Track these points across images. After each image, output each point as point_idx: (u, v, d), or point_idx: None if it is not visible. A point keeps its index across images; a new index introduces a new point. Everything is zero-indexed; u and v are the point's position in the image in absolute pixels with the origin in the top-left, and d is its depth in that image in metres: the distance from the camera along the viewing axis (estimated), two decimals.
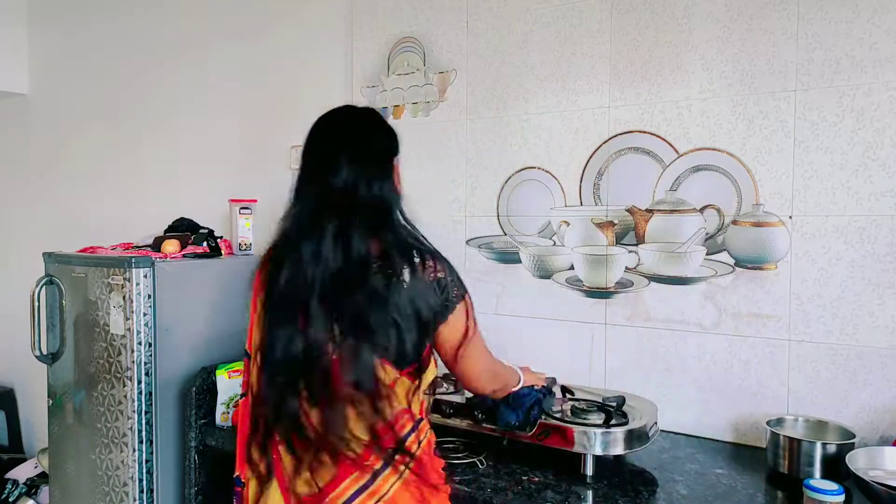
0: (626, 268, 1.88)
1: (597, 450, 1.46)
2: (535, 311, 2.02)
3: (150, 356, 1.91)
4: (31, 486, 2.99)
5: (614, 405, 1.60)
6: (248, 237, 2.30)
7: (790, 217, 1.66)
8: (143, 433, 1.90)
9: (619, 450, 1.47)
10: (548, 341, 1.99)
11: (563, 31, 1.96)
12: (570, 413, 1.58)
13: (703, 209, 1.77)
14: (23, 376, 3.56)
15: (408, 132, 2.25)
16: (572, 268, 1.97)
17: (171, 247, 2.06)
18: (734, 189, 1.72)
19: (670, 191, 1.81)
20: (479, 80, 2.11)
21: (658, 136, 1.82)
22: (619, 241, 1.89)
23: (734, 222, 1.73)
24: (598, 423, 1.52)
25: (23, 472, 3.09)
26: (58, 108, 3.43)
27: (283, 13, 2.56)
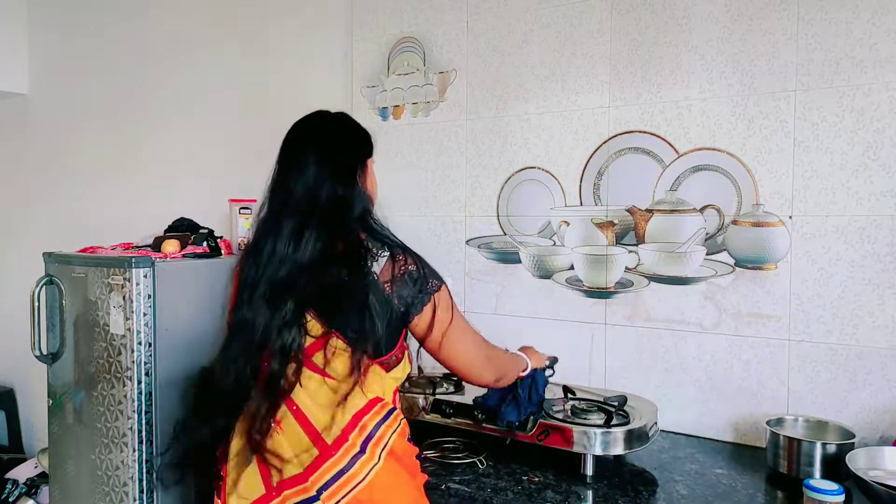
0: (626, 268, 1.88)
1: (597, 450, 1.46)
2: (535, 311, 2.02)
3: (150, 356, 1.91)
4: (31, 486, 2.99)
5: (616, 405, 1.60)
6: (248, 237, 2.30)
7: (790, 217, 1.66)
8: (143, 433, 1.90)
9: (619, 450, 1.48)
10: (548, 341, 1.98)
11: (563, 31, 1.96)
12: (570, 413, 1.58)
13: (703, 209, 1.77)
14: (23, 376, 3.56)
15: (408, 132, 2.26)
16: (572, 268, 1.97)
17: (171, 247, 2.06)
18: (734, 189, 1.72)
19: (670, 191, 1.81)
20: (479, 80, 2.11)
21: (658, 136, 1.82)
22: (619, 241, 1.89)
23: (734, 222, 1.73)
24: (598, 423, 1.52)
25: (23, 472, 3.09)
26: (58, 108, 3.43)
27: (283, 13, 2.56)
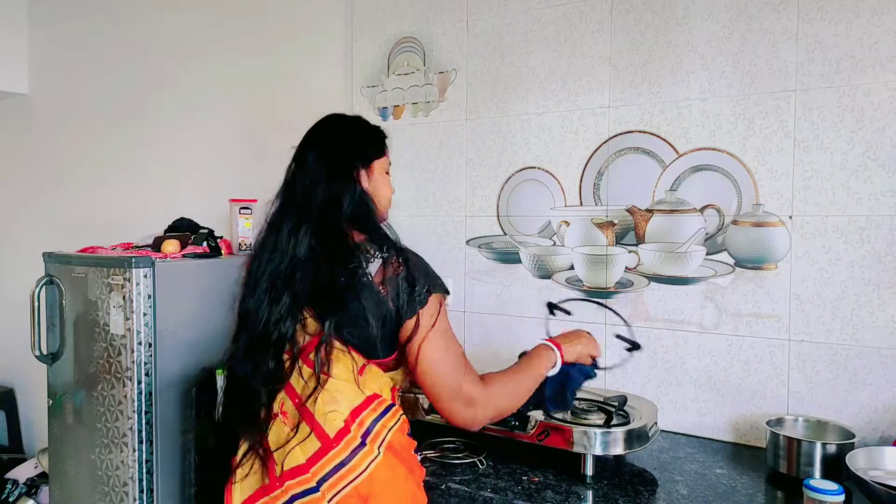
0: (626, 268, 1.88)
1: (597, 450, 1.46)
2: (536, 312, 2.02)
3: (150, 356, 1.91)
4: (31, 486, 2.99)
5: (616, 405, 1.60)
6: (248, 237, 2.30)
7: (790, 217, 1.66)
8: (143, 433, 1.90)
9: (619, 450, 1.47)
10: None
11: (563, 31, 1.96)
12: (570, 413, 1.58)
13: (703, 209, 1.77)
14: (23, 376, 3.56)
15: (408, 132, 2.26)
16: (572, 268, 1.97)
17: (171, 247, 2.06)
18: (734, 189, 1.72)
19: (670, 191, 1.81)
20: (479, 80, 2.11)
21: (658, 136, 1.82)
22: (619, 241, 1.89)
23: (734, 222, 1.73)
24: (598, 423, 1.52)
25: (23, 472, 3.09)
26: (58, 108, 3.43)
27: (283, 13, 2.56)
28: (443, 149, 2.18)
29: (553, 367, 1.37)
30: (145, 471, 1.91)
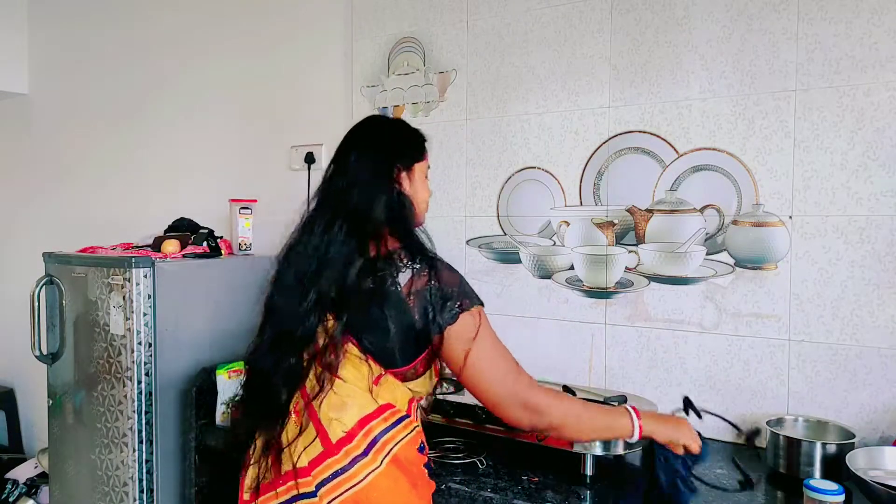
0: (626, 268, 1.88)
1: (597, 450, 1.46)
2: (535, 311, 2.02)
3: (150, 356, 1.91)
4: (31, 486, 2.99)
5: (616, 405, 1.59)
6: (248, 237, 2.30)
7: (790, 217, 1.66)
8: (143, 433, 1.90)
9: (619, 450, 1.48)
10: (548, 341, 1.99)
11: (563, 31, 1.96)
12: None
13: (703, 209, 1.77)
14: (23, 376, 3.56)
15: None
16: (572, 268, 1.97)
17: (171, 247, 2.06)
18: (734, 189, 1.72)
19: (670, 191, 1.81)
20: (479, 80, 2.11)
21: (658, 136, 1.82)
22: (619, 241, 1.89)
23: (734, 222, 1.73)
24: None
25: (23, 472, 3.09)
26: (58, 108, 3.43)
27: (283, 13, 2.56)
28: (443, 149, 2.18)
29: (631, 432, 1.27)
30: (145, 471, 1.91)
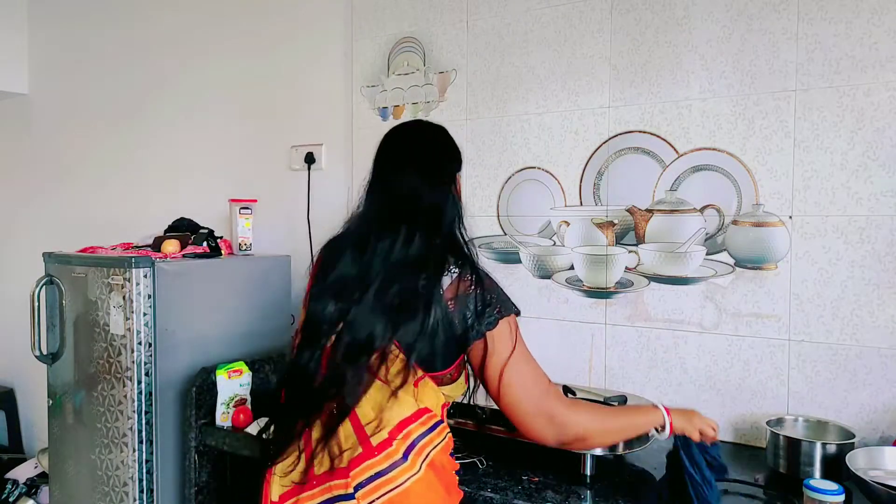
0: (626, 268, 1.88)
1: (597, 450, 1.46)
2: (535, 311, 2.02)
3: (150, 356, 1.91)
4: (31, 486, 2.99)
5: (616, 405, 1.59)
6: (248, 237, 2.30)
7: (790, 217, 1.66)
8: (143, 433, 1.90)
9: (619, 450, 1.47)
10: (548, 341, 1.99)
11: (563, 31, 1.96)
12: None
13: (703, 209, 1.77)
14: (23, 376, 3.56)
15: None
16: (572, 268, 1.97)
17: (171, 247, 2.06)
18: (734, 189, 1.72)
19: (670, 191, 1.81)
20: (479, 80, 2.11)
21: (658, 136, 1.82)
22: (619, 241, 1.89)
23: (734, 222, 1.73)
24: None
25: (23, 472, 3.09)
26: (58, 108, 3.43)
27: (283, 13, 2.56)
28: None
29: (662, 428, 1.30)
30: (145, 471, 1.91)
